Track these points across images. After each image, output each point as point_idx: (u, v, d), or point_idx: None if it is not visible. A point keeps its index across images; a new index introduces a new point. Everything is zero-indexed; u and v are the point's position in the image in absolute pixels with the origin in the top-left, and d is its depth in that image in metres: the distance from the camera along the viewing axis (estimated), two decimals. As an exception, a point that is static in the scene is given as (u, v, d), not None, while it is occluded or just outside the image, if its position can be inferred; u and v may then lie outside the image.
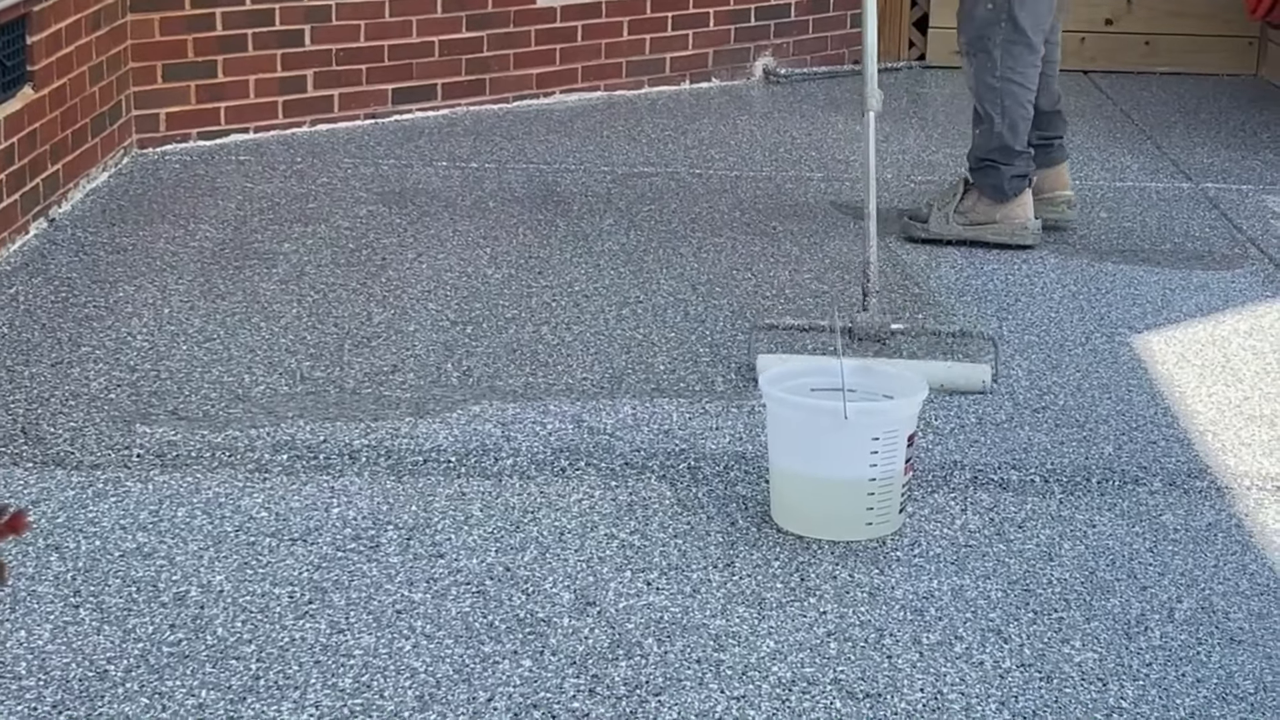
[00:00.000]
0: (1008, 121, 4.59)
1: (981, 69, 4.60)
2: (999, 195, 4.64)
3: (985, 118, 4.62)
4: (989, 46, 4.57)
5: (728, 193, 5.16)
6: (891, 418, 2.97)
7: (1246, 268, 4.58)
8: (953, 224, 4.66)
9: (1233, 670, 2.59)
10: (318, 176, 5.17)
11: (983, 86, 4.60)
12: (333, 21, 5.70)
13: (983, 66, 4.59)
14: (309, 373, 3.65)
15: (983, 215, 4.65)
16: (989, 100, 4.60)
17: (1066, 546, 2.98)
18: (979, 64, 4.60)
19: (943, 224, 4.67)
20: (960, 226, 4.66)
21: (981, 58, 4.59)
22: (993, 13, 4.55)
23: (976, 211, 4.66)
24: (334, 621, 2.65)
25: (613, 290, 4.24)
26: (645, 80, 6.52)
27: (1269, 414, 3.58)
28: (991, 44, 4.56)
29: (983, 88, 4.61)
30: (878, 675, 2.55)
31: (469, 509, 3.05)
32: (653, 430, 3.41)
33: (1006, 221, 4.65)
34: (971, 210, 4.66)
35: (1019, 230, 4.65)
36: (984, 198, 4.65)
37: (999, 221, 4.65)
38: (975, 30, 4.59)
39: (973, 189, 4.67)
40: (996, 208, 4.65)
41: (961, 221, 4.66)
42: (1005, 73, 4.57)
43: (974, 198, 4.67)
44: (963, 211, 4.66)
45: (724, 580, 2.82)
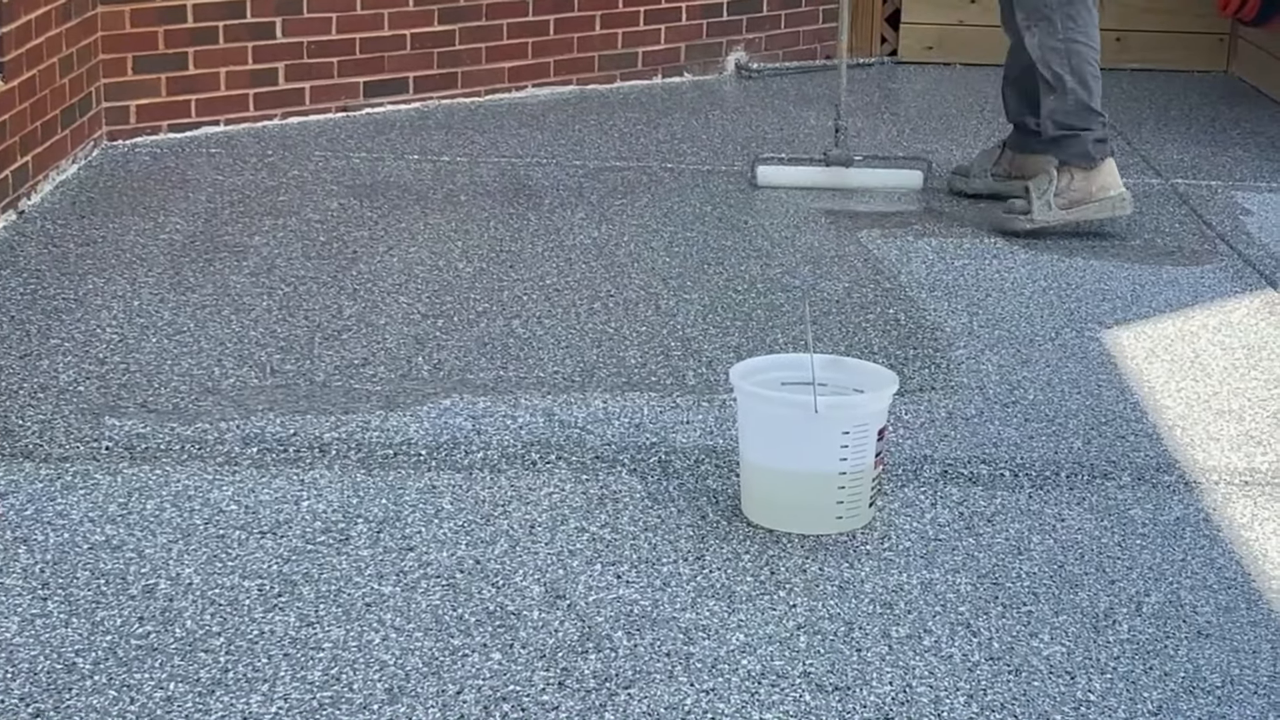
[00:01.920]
0: (1077, 78, 4.63)
1: (1045, 34, 4.64)
2: (1087, 161, 4.66)
3: (1055, 80, 4.65)
4: (1048, 13, 4.62)
5: (699, 187, 5.16)
6: (862, 412, 2.97)
7: (1216, 264, 4.60)
8: (1055, 210, 4.68)
9: (1200, 664, 2.60)
10: (289, 169, 5.16)
11: (1048, 51, 4.64)
12: (304, 14, 5.68)
13: (1045, 33, 4.64)
14: (279, 366, 3.65)
15: (1079, 192, 4.67)
16: (1056, 62, 4.64)
17: (1035, 540, 2.99)
18: (1041, 31, 4.64)
19: (1045, 211, 4.69)
20: (1062, 211, 4.68)
21: (1044, 25, 4.64)
22: None
23: (1073, 190, 4.68)
24: (303, 614, 2.65)
25: (584, 284, 4.24)
26: (617, 74, 6.52)
27: (1237, 409, 3.59)
28: (1050, 9, 4.62)
29: (1048, 52, 4.64)
30: (847, 668, 2.56)
31: (439, 502, 3.05)
32: (623, 424, 3.41)
33: (1102, 195, 4.68)
34: (1068, 190, 4.68)
35: (1117, 202, 4.69)
36: (1077, 172, 4.67)
37: (1095, 196, 4.67)
38: (1031, 1, 4.63)
39: (1064, 169, 4.69)
40: (1090, 179, 4.66)
41: (1062, 204, 4.68)
42: (1068, 33, 4.62)
43: (1067, 177, 4.69)
44: (1060, 193, 4.68)
45: (694, 573, 2.83)
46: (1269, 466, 3.32)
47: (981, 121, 6.16)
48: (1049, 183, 4.69)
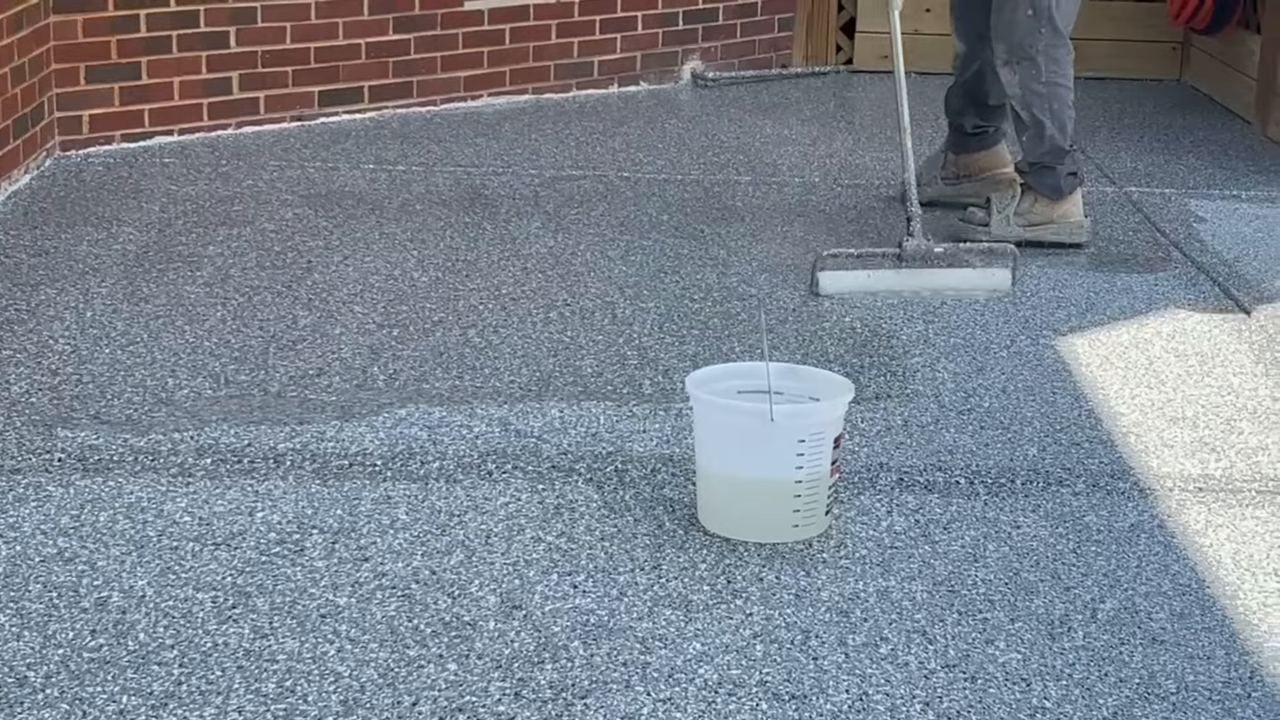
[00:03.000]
0: (1057, 124, 4.67)
1: (1027, 76, 4.65)
2: (1056, 194, 4.72)
3: (1034, 123, 4.67)
4: (1032, 54, 4.63)
5: (656, 196, 5.16)
6: (817, 420, 2.98)
7: (1169, 271, 4.62)
8: (1013, 226, 4.73)
9: (1155, 670, 2.61)
10: (243, 179, 5.14)
11: (1030, 94, 4.66)
12: (258, 23, 5.66)
13: (1028, 74, 4.65)
14: (233, 376, 3.63)
15: (1040, 216, 4.73)
16: (1037, 106, 4.66)
17: (991, 548, 2.99)
18: (1024, 71, 4.65)
19: (1004, 226, 4.73)
20: (1020, 228, 4.73)
21: (1026, 65, 4.64)
22: (1033, 19, 4.60)
23: (1035, 212, 4.73)
24: (257, 626, 2.63)
25: (540, 293, 4.23)
26: (573, 83, 6.52)
27: (1191, 416, 3.61)
28: (1035, 50, 4.62)
29: (1030, 95, 4.66)
30: (803, 677, 2.55)
31: (395, 512, 3.04)
32: (580, 433, 3.40)
33: (1063, 221, 4.74)
34: (1030, 211, 4.73)
35: (1075, 229, 4.75)
36: (1041, 198, 4.72)
37: (1056, 221, 4.74)
38: (1017, 38, 4.63)
39: (1029, 190, 4.74)
40: (1053, 207, 4.73)
41: (1021, 223, 4.73)
42: (1050, 77, 4.65)
43: (1031, 199, 4.74)
44: (1021, 213, 4.73)
45: (650, 583, 2.82)
46: (1222, 473, 3.33)
47: (936, 130, 6.17)
48: (1012, 199, 4.73)
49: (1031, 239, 4.71)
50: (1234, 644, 2.69)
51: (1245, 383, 3.81)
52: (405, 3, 5.99)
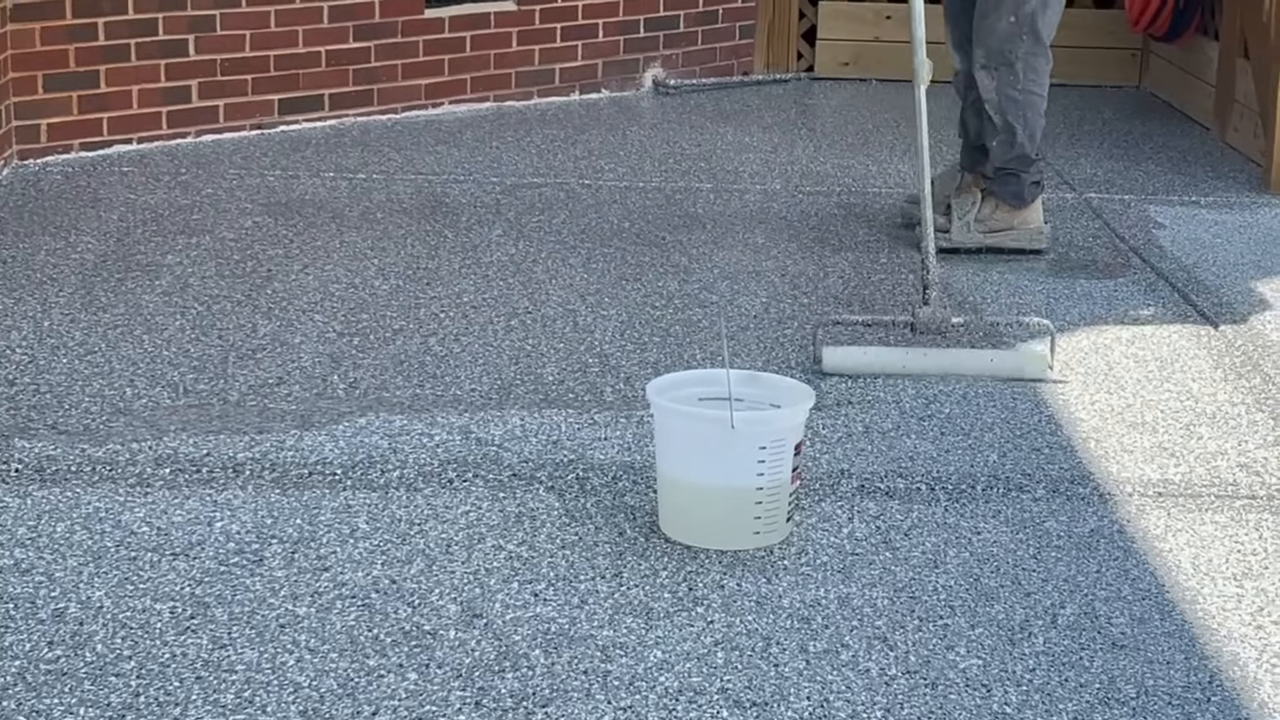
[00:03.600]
0: (1029, 132, 4.69)
1: (1004, 82, 4.66)
2: (1019, 202, 4.73)
3: (1006, 129, 4.68)
4: (1011, 60, 4.64)
5: (617, 203, 5.16)
6: (778, 427, 2.97)
7: (1129, 277, 4.63)
8: (973, 232, 4.74)
9: (1115, 675, 2.61)
10: (202, 188, 5.12)
11: (1005, 100, 4.67)
12: (217, 31, 5.65)
13: (1005, 80, 4.66)
14: (192, 386, 3.61)
15: (1001, 222, 4.74)
16: (1012, 113, 4.67)
17: (951, 554, 3.00)
18: (1001, 77, 4.66)
19: (964, 233, 4.74)
20: (980, 234, 4.74)
21: (1004, 71, 4.65)
22: (1015, 26, 4.61)
23: (995, 219, 4.74)
24: (216, 637, 2.62)
25: (501, 301, 4.23)
26: (535, 91, 6.51)
27: (1150, 421, 3.62)
28: (1014, 57, 4.63)
29: (1005, 100, 4.67)
30: (764, 684, 2.55)
31: (355, 522, 3.03)
32: (541, 441, 3.39)
33: (1023, 227, 4.75)
34: (990, 218, 4.74)
35: (1035, 235, 4.76)
36: (1003, 205, 4.74)
37: (1016, 228, 4.74)
38: (997, 44, 4.64)
39: (990, 196, 4.75)
40: (1014, 214, 4.74)
41: (981, 229, 4.74)
42: (1027, 85, 4.66)
43: (992, 205, 4.75)
44: (982, 219, 4.74)
45: (611, 590, 2.82)
46: (1181, 478, 3.34)
47: (898, 136, 6.20)
48: (972, 205, 4.74)
49: (992, 245, 4.73)
50: (1193, 648, 2.69)
51: (1204, 388, 3.82)
52: (365, 10, 5.98)
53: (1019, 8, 4.58)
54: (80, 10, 5.34)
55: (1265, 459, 3.44)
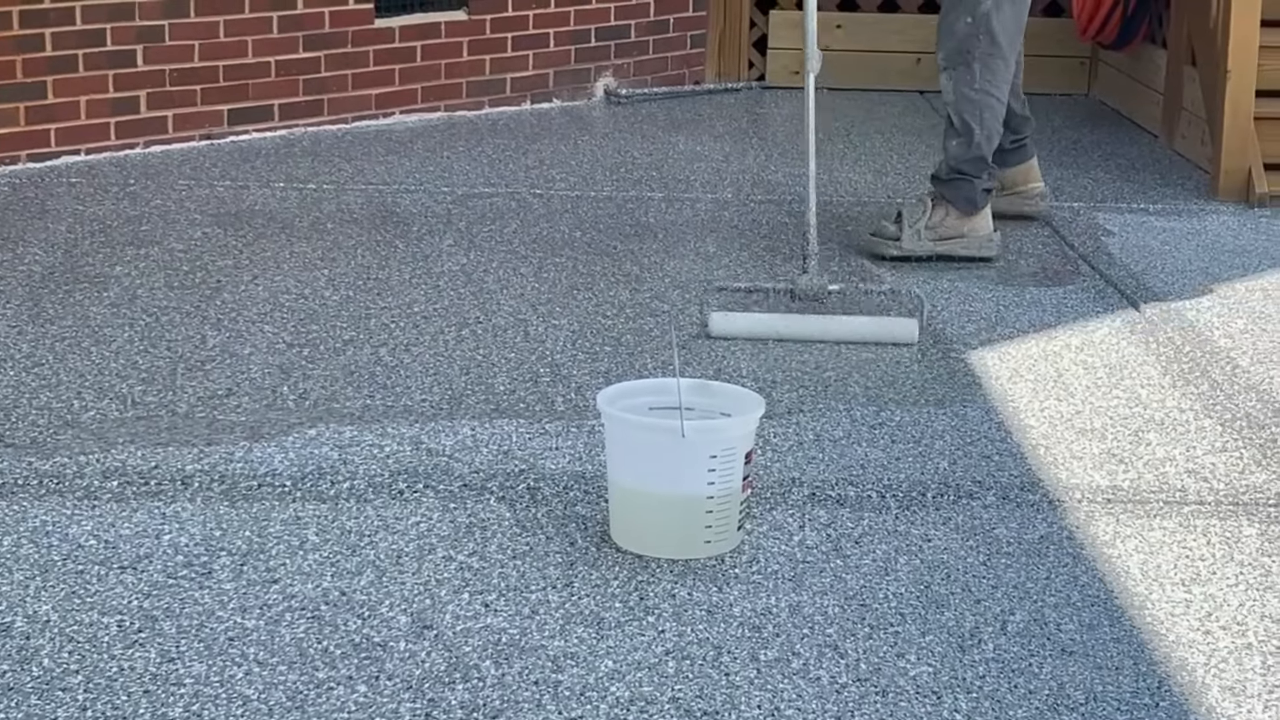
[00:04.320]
0: (985, 133, 4.72)
1: (960, 81, 4.70)
2: (970, 207, 4.75)
3: (964, 129, 4.72)
4: (969, 60, 4.68)
5: (569, 213, 5.16)
6: (729, 435, 2.98)
7: (1078, 284, 4.66)
8: (924, 240, 4.75)
9: (1064, 681, 2.62)
10: (151, 198, 5.10)
11: (962, 99, 4.70)
12: (166, 42, 5.62)
13: (962, 79, 4.69)
14: (140, 398, 3.59)
15: (951, 229, 4.76)
16: (968, 112, 4.70)
17: (902, 561, 3.00)
18: (958, 77, 4.70)
19: (914, 241, 4.75)
20: (931, 242, 4.76)
21: (961, 70, 4.69)
22: (972, 27, 4.66)
23: (945, 226, 4.76)
24: (164, 650, 2.60)
25: (452, 311, 4.22)
26: (486, 101, 6.51)
27: (1099, 428, 3.64)
28: (971, 57, 4.67)
29: (962, 100, 4.70)
30: (715, 693, 2.55)
31: (304, 533, 3.01)
32: (492, 451, 3.39)
33: (973, 235, 4.77)
34: (940, 225, 4.76)
35: (985, 243, 4.78)
36: (954, 210, 4.76)
37: (966, 235, 4.77)
38: (955, 44, 4.69)
39: (940, 204, 4.76)
40: (965, 221, 4.76)
41: (931, 237, 4.76)
42: (983, 85, 4.69)
43: (942, 212, 4.76)
44: (932, 227, 4.76)
45: (562, 601, 2.81)
46: (1130, 484, 3.36)
47: (849, 145, 6.22)
48: (923, 213, 4.76)
49: (943, 253, 4.75)
50: (1142, 654, 2.71)
51: (1152, 394, 3.84)
52: (315, 20, 5.96)
53: (975, 8, 4.63)
54: (27, 21, 5.31)
55: (1213, 465, 3.46)
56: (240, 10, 5.77)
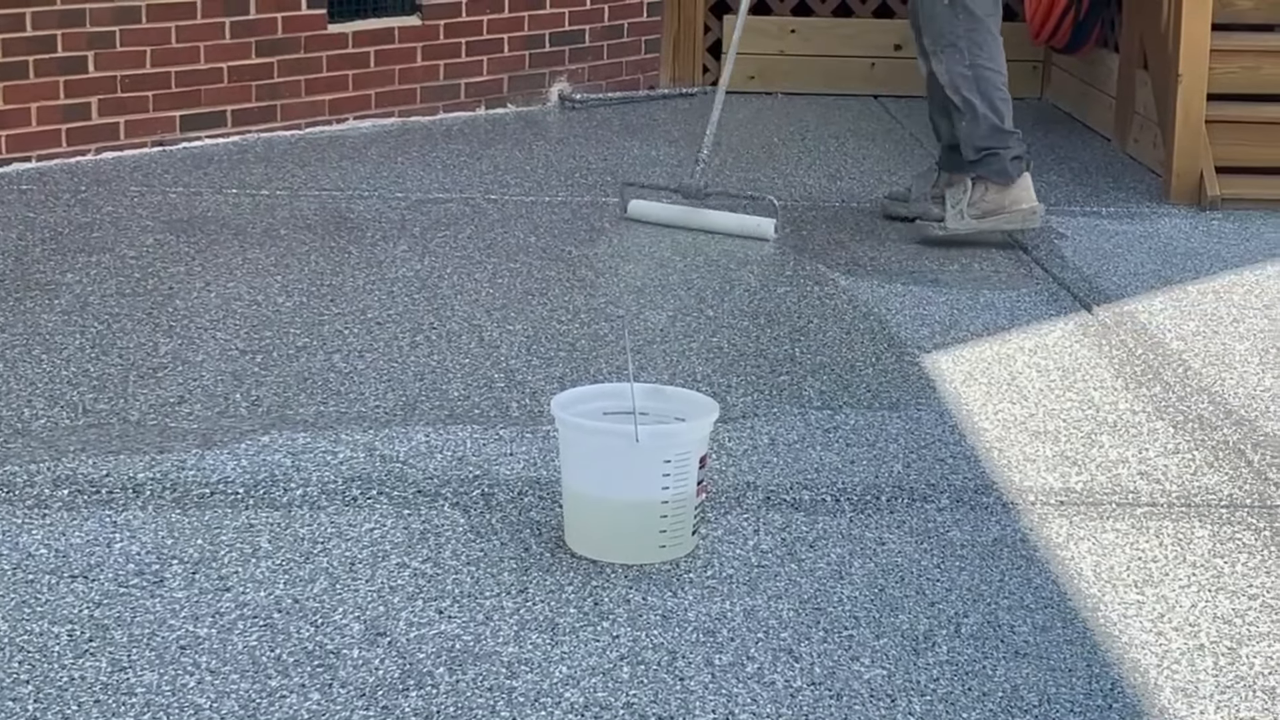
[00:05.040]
0: (987, 103, 4.78)
1: (952, 62, 4.78)
2: (1004, 178, 4.83)
3: (966, 106, 4.79)
4: (954, 40, 4.77)
5: (523, 218, 5.15)
6: (683, 440, 2.97)
7: (1031, 287, 4.67)
8: (968, 220, 4.82)
9: (1018, 683, 2.63)
10: (103, 205, 5.07)
11: (957, 77, 4.78)
12: (117, 48, 5.59)
13: (952, 59, 4.78)
14: (92, 405, 3.57)
15: (993, 204, 4.83)
16: (965, 88, 4.78)
17: (857, 565, 3.00)
18: (949, 58, 4.78)
19: (959, 220, 4.82)
20: (974, 220, 4.82)
21: (950, 52, 4.78)
22: (950, 8, 4.75)
23: (986, 202, 4.84)
24: (115, 659, 2.59)
25: (406, 317, 4.21)
26: (440, 106, 6.50)
27: (1053, 430, 3.65)
28: (955, 36, 4.76)
29: (957, 78, 4.78)
30: (670, 698, 2.55)
31: (257, 541, 3.00)
32: (446, 457, 3.38)
33: (1014, 208, 4.85)
34: (981, 201, 4.83)
35: (1028, 215, 4.87)
36: (991, 185, 4.83)
37: (1008, 209, 4.84)
38: (937, 28, 4.78)
39: (978, 181, 4.82)
40: (1004, 193, 4.82)
41: (974, 214, 4.83)
42: (974, 59, 4.77)
43: (981, 189, 4.84)
44: (974, 203, 4.83)
45: (517, 607, 2.80)
46: (1083, 486, 3.37)
47: (803, 150, 6.23)
48: (963, 193, 4.84)
49: (988, 229, 4.83)
50: (1095, 656, 2.71)
51: (1105, 397, 3.86)
52: (268, 26, 5.94)
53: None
54: (-23, 27, 5.28)
55: (1165, 466, 3.47)
56: (192, 16, 5.74)
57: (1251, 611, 2.88)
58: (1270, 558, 3.08)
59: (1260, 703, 2.59)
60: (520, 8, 6.64)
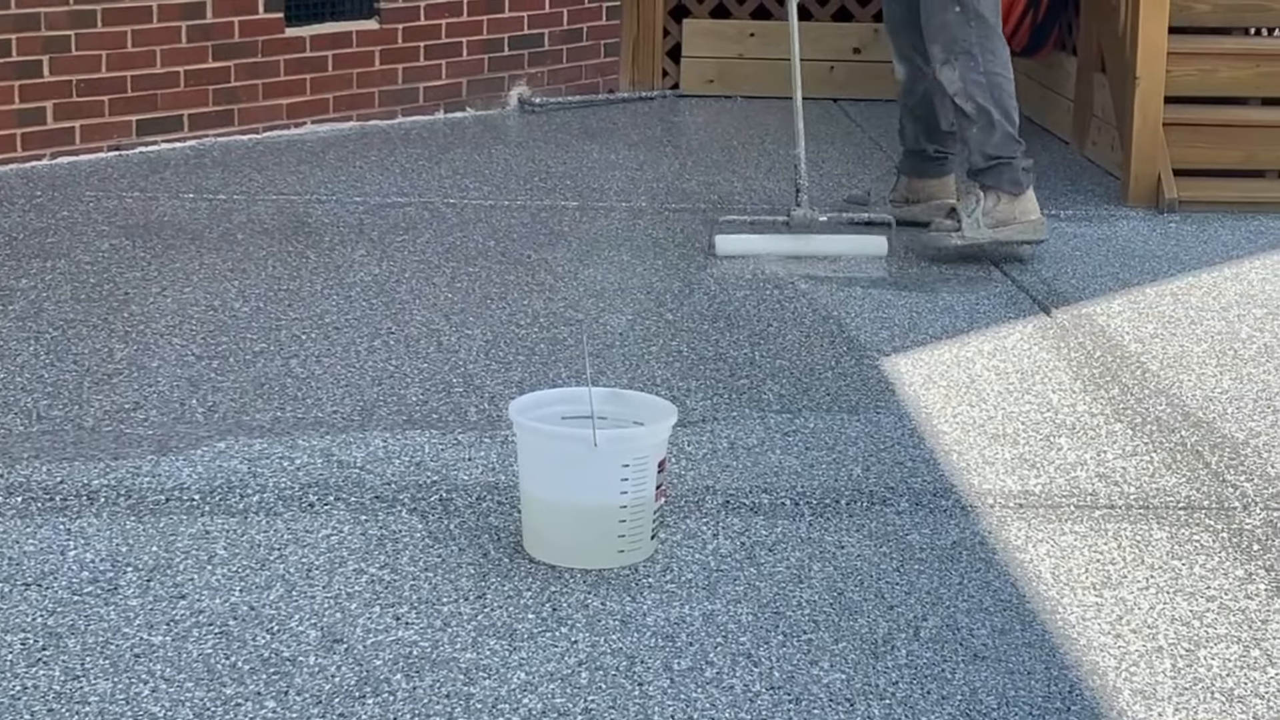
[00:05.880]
0: (1001, 110, 4.77)
1: (965, 69, 4.75)
2: (1016, 188, 4.82)
3: (980, 113, 4.77)
4: (968, 47, 4.73)
5: (482, 222, 5.13)
6: (642, 444, 2.96)
7: (990, 290, 4.68)
8: (984, 229, 4.81)
9: (976, 686, 2.63)
10: (58, 210, 5.03)
11: (971, 85, 4.75)
12: (73, 52, 5.56)
13: (966, 66, 4.75)
14: (46, 412, 3.54)
15: (1005, 214, 4.82)
16: (980, 95, 4.75)
17: (816, 568, 3.00)
18: (962, 65, 4.74)
19: (975, 229, 4.81)
20: (989, 229, 4.81)
21: (963, 59, 4.74)
22: (961, 15, 4.71)
23: (999, 211, 4.82)
24: (69, 668, 2.56)
25: (364, 321, 4.19)
26: (399, 110, 6.47)
27: (1011, 433, 3.65)
28: (969, 43, 4.73)
29: (971, 85, 4.75)
30: (629, 703, 2.54)
31: (213, 548, 2.98)
32: (404, 463, 3.36)
33: (1024, 219, 4.84)
34: (994, 210, 4.82)
35: (1037, 227, 4.86)
36: (1003, 195, 4.81)
37: (1019, 219, 4.83)
38: (949, 35, 4.73)
39: (989, 191, 4.82)
40: (1015, 204, 4.82)
41: (989, 223, 4.81)
42: (988, 66, 4.75)
43: (994, 198, 4.82)
44: (988, 213, 4.81)
45: (475, 613, 2.79)
46: (1042, 489, 3.37)
47: (762, 153, 6.23)
48: (976, 203, 4.83)
49: (1001, 239, 4.84)
50: (1053, 658, 2.71)
51: (1063, 399, 3.86)
52: (224, 30, 5.91)
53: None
54: (-70, 30, 5.24)
55: (1123, 469, 3.48)
56: (148, 20, 5.71)
57: (1209, 613, 2.88)
58: (1228, 559, 3.09)
59: (1218, 704, 2.59)
60: (479, 12, 6.63)
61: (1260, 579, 3.02)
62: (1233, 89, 5.89)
